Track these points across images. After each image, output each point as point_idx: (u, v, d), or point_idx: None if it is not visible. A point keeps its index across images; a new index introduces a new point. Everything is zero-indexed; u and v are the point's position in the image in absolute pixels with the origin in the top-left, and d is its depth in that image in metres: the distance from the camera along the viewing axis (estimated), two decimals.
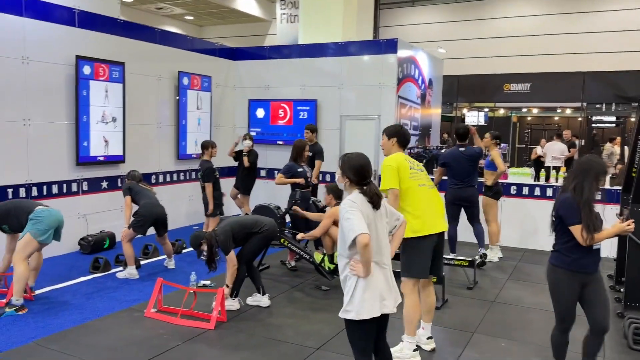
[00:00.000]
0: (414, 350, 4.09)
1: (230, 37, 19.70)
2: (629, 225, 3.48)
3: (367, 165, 3.13)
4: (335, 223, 5.55)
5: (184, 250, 7.46)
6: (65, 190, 7.12)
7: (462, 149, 6.90)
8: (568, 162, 11.84)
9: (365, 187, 3.07)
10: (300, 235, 5.96)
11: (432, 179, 5.01)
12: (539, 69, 15.23)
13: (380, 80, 9.05)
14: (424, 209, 4.10)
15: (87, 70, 7.25)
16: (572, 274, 3.50)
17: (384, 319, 3.11)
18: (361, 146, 8.65)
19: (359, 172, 3.08)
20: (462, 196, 6.83)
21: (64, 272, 6.31)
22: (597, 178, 3.41)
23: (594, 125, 15.16)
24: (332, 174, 9.35)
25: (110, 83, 7.61)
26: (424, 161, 8.95)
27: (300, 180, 6.50)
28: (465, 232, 7.34)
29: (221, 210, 7.46)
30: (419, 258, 4.11)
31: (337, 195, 6.09)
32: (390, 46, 9.05)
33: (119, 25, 7.88)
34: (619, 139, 14.04)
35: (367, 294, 2.96)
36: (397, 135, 4.31)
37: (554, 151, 11.26)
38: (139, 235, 6.27)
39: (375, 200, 3.05)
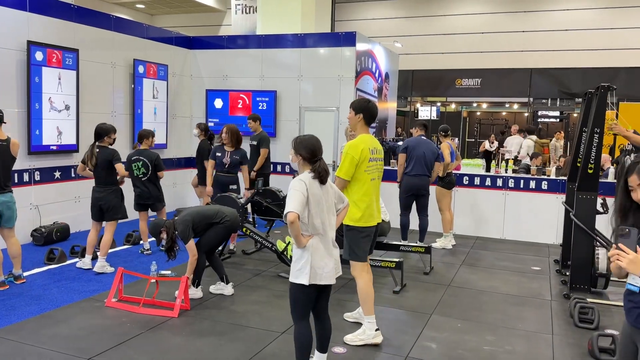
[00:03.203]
0: (376, 330, 4.24)
1: (183, 27, 19.33)
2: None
3: (318, 143, 3.43)
4: None
5: (141, 242, 7.35)
6: (16, 180, 6.86)
7: (424, 137, 7.24)
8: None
9: (315, 164, 3.34)
10: None
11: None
12: (489, 65, 15.77)
13: (339, 73, 9.18)
14: (368, 202, 4.23)
15: (39, 56, 7.01)
16: (630, 328, 2.34)
17: (325, 289, 3.42)
18: (320, 137, 8.73)
19: (311, 150, 3.37)
20: (418, 185, 7.07)
21: None
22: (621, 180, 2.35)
23: (540, 120, 15.81)
24: (270, 163, 9.42)
25: (64, 70, 7.39)
26: None
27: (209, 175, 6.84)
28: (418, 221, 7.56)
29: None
30: (360, 244, 4.26)
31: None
32: (349, 39, 9.18)
33: (73, 11, 7.65)
34: (562, 133, 14.76)
35: (310, 263, 3.27)
36: (364, 111, 4.23)
37: (511, 145, 12.05)
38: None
39: (323, 175, 3.33)
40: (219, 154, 6.76)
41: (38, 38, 7.03)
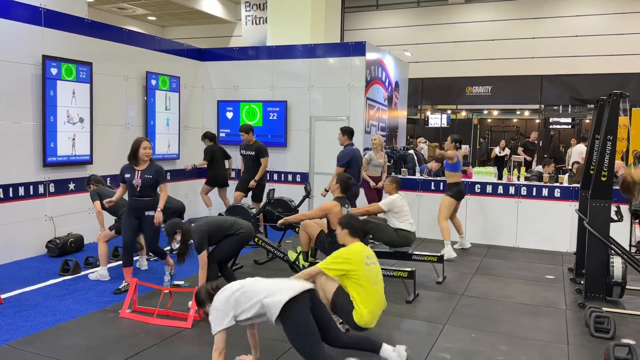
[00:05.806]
0: None
1: (194, 38, 19.54)
2: None
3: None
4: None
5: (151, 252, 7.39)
6: (31, 192, 6.97)
7: (354, 147, 7.60)
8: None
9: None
10: (280, 222, 6.04)
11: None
12: (499, 73, 15.74)
13: (349, 82, 9.21)
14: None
15: (54, 70, 7.13)
16: None
17: (313, 305, 3.74)
18: (330, 146, 8.79)
19: (209, 295, 3.75)
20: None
21: (33, 275, 6.20)
22: None
23: (551, 126, 15.73)
24: (281, 173, 9.46)
25: (78, 83, 7.50)
26: (392, 161, 9.17)
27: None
28: (429, 229, 7.53)
29: None
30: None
31: (345, 187, 5.81)
32: (359, 49, 9.22)
33: (87, 25, 7.77)
34: (575, 140, 14.68)
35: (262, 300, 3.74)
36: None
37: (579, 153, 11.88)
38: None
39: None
40: (127, 175, 5.55)
41: (53, 52, 7.14)
